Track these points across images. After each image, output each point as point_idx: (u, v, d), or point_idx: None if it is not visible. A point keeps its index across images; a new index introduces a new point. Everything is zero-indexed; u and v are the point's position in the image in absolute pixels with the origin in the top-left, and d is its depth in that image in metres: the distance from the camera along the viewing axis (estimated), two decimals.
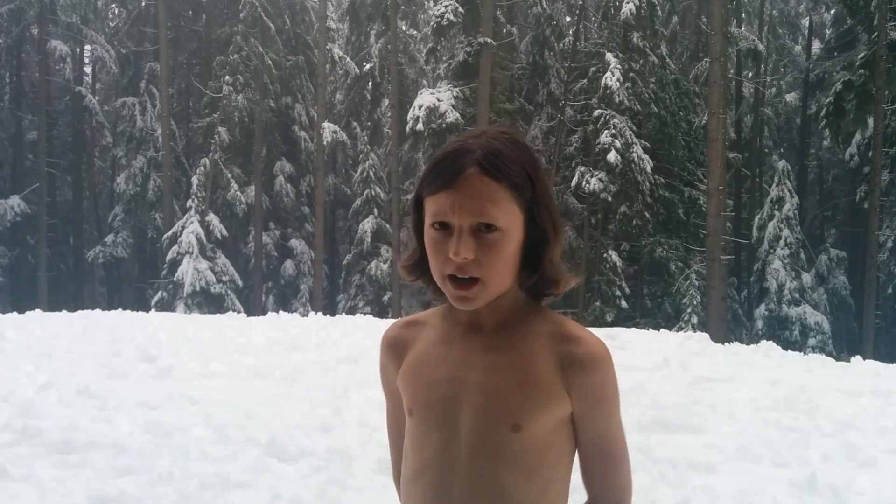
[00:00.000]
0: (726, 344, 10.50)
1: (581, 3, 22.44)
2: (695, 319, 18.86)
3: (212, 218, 23.55)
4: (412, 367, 1.26)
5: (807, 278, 22.04)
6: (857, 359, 9.12)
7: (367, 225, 24.38)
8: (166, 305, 21.86)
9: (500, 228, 1.13)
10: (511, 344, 1.21)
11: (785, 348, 10.33)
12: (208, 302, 22.16)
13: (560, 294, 1.23)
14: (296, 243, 27.48)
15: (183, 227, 22.74)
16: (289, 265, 27.10)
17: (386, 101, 27.24)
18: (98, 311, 12.48)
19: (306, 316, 13.37)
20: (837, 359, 10.02)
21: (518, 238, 1.16)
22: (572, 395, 1.18)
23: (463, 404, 1.19)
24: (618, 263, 20.62)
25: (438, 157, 1.16)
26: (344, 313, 18.86)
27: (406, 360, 1.28)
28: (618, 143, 19.46)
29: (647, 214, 20.60)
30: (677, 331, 14.91)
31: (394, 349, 1.30)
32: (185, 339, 9.14)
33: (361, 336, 9.76)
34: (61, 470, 4.32)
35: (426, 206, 1.17)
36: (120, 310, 12.92)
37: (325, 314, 14.72)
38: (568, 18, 26.32)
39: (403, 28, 27.86)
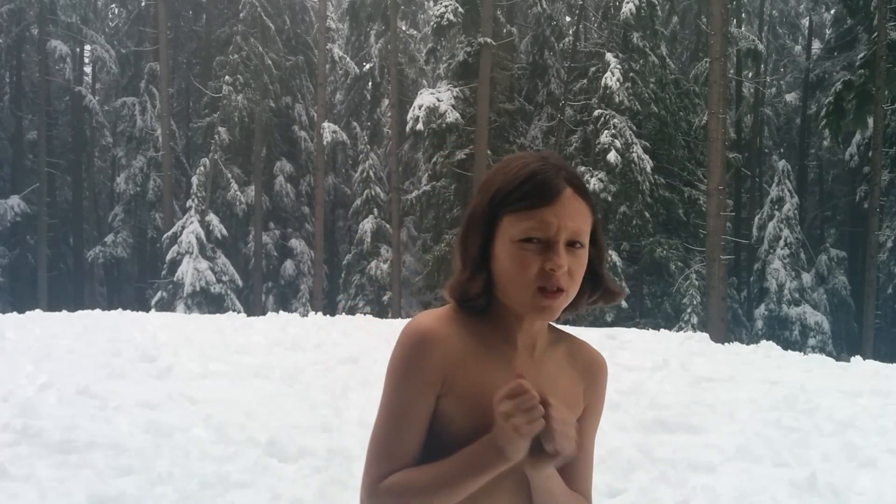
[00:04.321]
0: (726, 344, 10.50)
1: (581, 3, 22.43)
2: (695, 319, 18.85)
3: (212, 218, 23.53)
4: (478, 382, 1.20)
5: (807, 278, 22.02)
6: (857, 359, 9.13)
7: (367, 225, 24.38)
8: (166, 305, 21.85)
9: (584, 245, 1.20)
10: (553, 363, 1.28)
11: (785, 348, 10.34)
12: (208, 302, 22.15)
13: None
14: (296, 243, 27.48)
15: (183, 227, 22.73)
16: (289, 265, 27.09)
17: (386, 101, 27.21)
18: (98, 311, 12.47)
19: (306, 316, 13.37)
20: (837, 359, 10.02)
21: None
22: (584, 402, 1.29)
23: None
24: (618, 263, 20.61)
25: (527, 175, 1.17)
26: (344, 313, 18.85)
27: (463, 370, 1.20)
28: (618, 143, 19.46)
29: (647, 214, 20.59)
30: (677, 331, 14.90)
31: (437, 345, 1.20)
32: (185, 339, 9.14)
33: (361, 336, 9.76)
34: (61, 470, 4.32)
35: (507, 222, 1.18)
36: (120, 310, 12.92)
37: (325, 314, 14.72)
38: (568, 18, 26.31)
39: (403, 28, 27.84)
